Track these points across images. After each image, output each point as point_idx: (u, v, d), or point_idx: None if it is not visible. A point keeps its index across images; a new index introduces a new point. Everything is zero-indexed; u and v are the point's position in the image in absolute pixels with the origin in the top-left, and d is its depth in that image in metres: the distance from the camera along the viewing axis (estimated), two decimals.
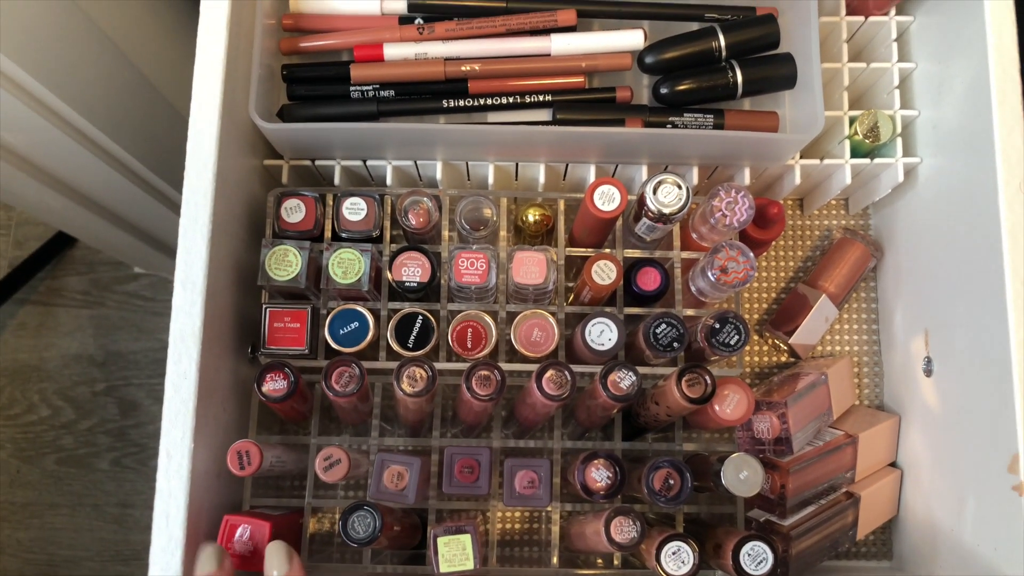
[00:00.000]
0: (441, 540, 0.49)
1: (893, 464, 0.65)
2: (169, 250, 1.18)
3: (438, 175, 0.62)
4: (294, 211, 0.59)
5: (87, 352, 1.42)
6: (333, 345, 0.56)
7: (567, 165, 0.63)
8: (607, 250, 0.61)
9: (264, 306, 0.57)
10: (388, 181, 0.62)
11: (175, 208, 0.98)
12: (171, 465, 0.50)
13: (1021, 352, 0.51)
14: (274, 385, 0.51)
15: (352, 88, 0.60)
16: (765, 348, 0.69)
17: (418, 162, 0.62)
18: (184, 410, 0.50)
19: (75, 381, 1.41)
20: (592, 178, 0.62)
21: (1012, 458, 0.51)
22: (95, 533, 1.37)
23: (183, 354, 0.51)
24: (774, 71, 0.59)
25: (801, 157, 0.63)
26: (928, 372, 0.61)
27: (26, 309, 1.43)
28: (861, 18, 0.64)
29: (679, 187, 0.54)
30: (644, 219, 0.56)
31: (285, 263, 0.56)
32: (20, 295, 1.42)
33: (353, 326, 0.57)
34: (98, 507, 1.37)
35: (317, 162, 0.62)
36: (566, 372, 0.50)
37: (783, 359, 0.69)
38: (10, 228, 1.45)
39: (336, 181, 0.62)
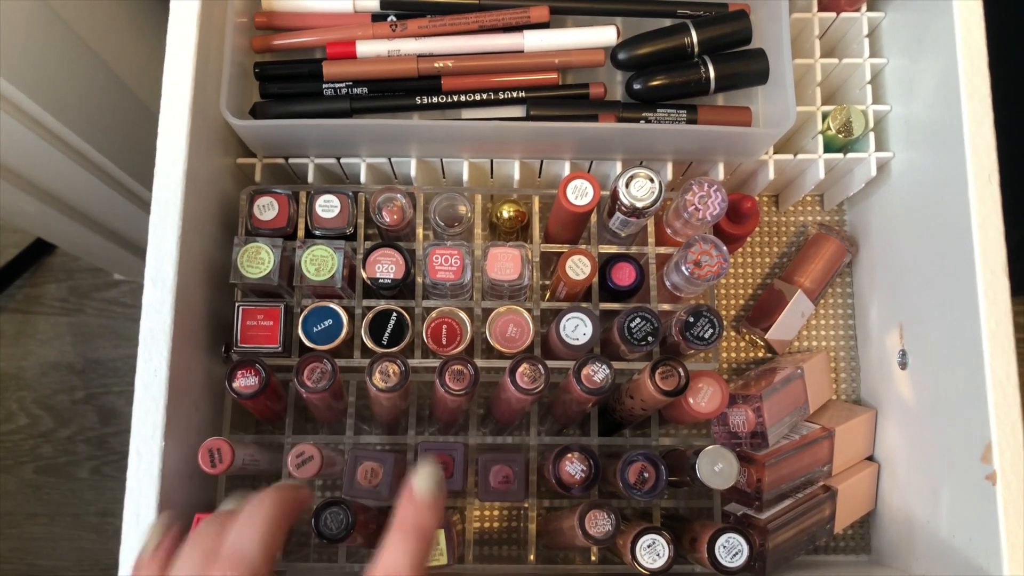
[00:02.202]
0: None
1: (871, 458, 0.65)
2: None
3: (412, 172, 0.61)
4: (267, 209, 0.58)
5: (66, 360, 1.41)
6: (307, 343, 0.56)
7: (542, 162, 0.63)
8: (582, 246, 0.61)
9: (237, 304, 0.57)
10: (362, 179, 0.62)
11: None
12: (141, 464, 0.49)
13: (992, 342, 0.51)
14: (245, 382, 0.51)
15: (325, 85, 0.60)
16: (742, 344, 0.69)
17: (392, 159, 0.62)
18: (155, 408, 0.50)
19: (54, 389, 1.39)
20: (567, 173, 0.62)
21: (985, 447, 0.51)
22: (74, 543, 1.36)
23: (153, 352, 0.50)
24: (746, 67, 0.59)
25: (775, 152, 0.63)
26: (903, 365, 0.61)
27: (4, 317, 1.41)
28: (833, 14, 0.64)
29: (651, 181, 0.54)
30: (618, 213, 0.56)
31: (257, 261, 0.56)
32: None
33: (327, 323, 0.56)
34: (78, 516, 1.36)
35: (290, 160, 0.61)
36: (539, 366, 0.50)
37: (760, 355, 0.69)
38: None
39: (310, 179, 0.62)
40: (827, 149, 0.63)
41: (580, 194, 0.54)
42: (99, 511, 1.37)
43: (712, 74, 0.59)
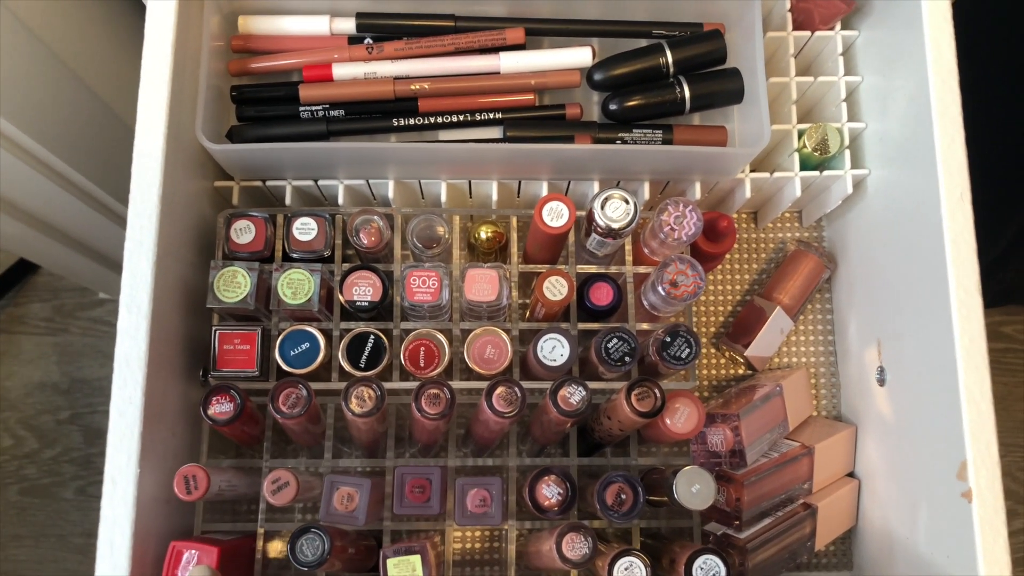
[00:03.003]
0: (391, 561, 0.48)
1: (852, 474, 0.65)
2: None
3: (390, 193, 0.62)
4: (244, 232, 0.58)
5: (51, 380, 1.40)
6: (284, 367, 0.56)
7: (520, 182, 0.63)
8: (560, 266, 0.61)
9: (214, 328, 0.57)
10: (340, 200, 0.62)
11: None
12: (116, 492, 0.49)
13: (966, 360, 0.51)
14: (220, 408, 0.50)
15: (302, 108, 0.60)
16: (722, 361, 0.70)
17: (370, 181, 0.62)
18: (129, 435, 0.49)
19: (38, 410, 1.38)
20: (544, 194, 0.62)
21: (960, 464, 0.51)
22: (60, 564, 1.34)
23: (128, 379, 0.50)
24: (721, 86, 0.60)
25: (752, 171, 0.63)
26: (881, 382, 0.62)
27: None
28: (808, 33, 0.65)
29: (626, 202, 0.54)
30: (594, 234, 0.56)
31: (234, 284, 0.55)
32: None
33: (304, 347, 0.56)
34: (63, 537, 1.35)
35: (268, 182, 0.61)
36: (516, 389, 0.50)
37: (740, 372, 0.69)
38: None
39: (287, 201, 0.62)
40: (804, 167, 0.63)
41: (555, 216, 0.54)
42: (84, 532, 1.35)
43: (687, 94, 0.59)
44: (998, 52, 0.96)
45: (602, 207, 0.54)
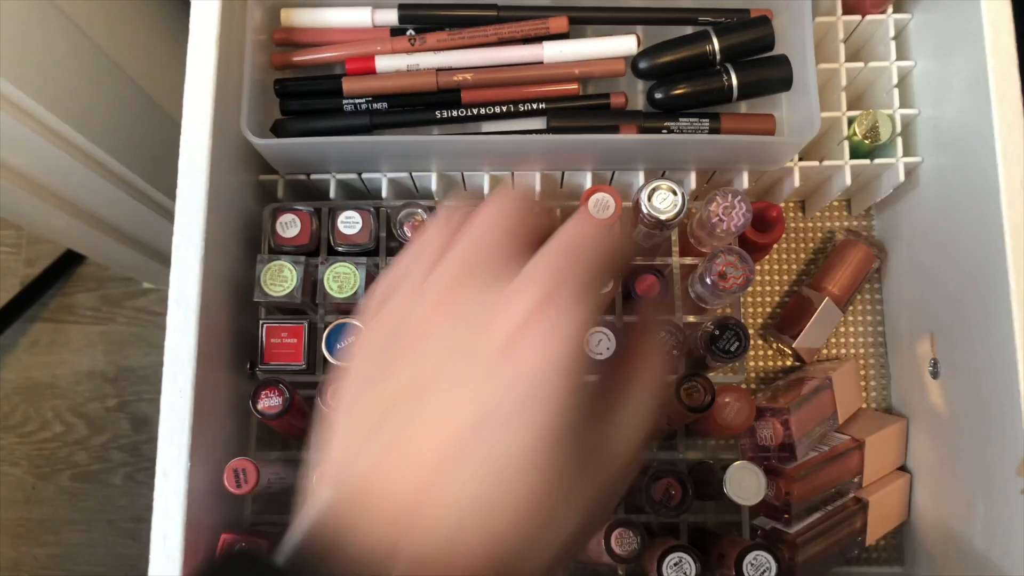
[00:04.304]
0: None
1: (903, 467, 0.64)
2: None
3: (433, 186, 0.61)
4: (289, 226, 0.58)
5: (99, 368, 1.43)
6: (331, 360, 0.56)
7: (563, 173, 0.62)
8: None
9: (261, 322, 0.57)
10: (383, 193, 0.62)
11: None
12: (167, 484, 0.50)
13: None
14: (269, 402, 0.51)
15: (345, 101, 0.60)
16: (770, 352, 0.69)
17: (413, 174, 0.62)
18: (180, 428, 0.50)
19: (87, 397, 1.41)
20: (588, 185, 0.62)
21: (1021, 461, 0.50)
22: (111, 548, 1.38)
23: (178, 372, 0.50)
24: (769, 73, 0.59)
25: (800, 159, 0.62)
26: (935, 375, 0.60)
27: (37, 327, 1.44)
28: (858, 17, 0.63)
29: (674, 193, 0.53)
30: (640, 226, 0.55)
31: (280, 279, 0.56)
32: (31, 313, 1.43)
33: (351, 340, 0.56)
34: (113, 522, 1.38)
35: (312, 176, 0.62)
36: None
37: (788, 363, 0.68)
38: (20, 247, 1.47)
39: (331, 195, 0.62)
40: (854, 155, 0.62)
41: (602, 208, 0.54)
42: (133, 517, 1.38)
43: (735, 82, 0.58)
44: None
45: (649, 198, 0.53)
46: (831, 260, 0.66)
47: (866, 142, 0.61)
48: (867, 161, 0.62)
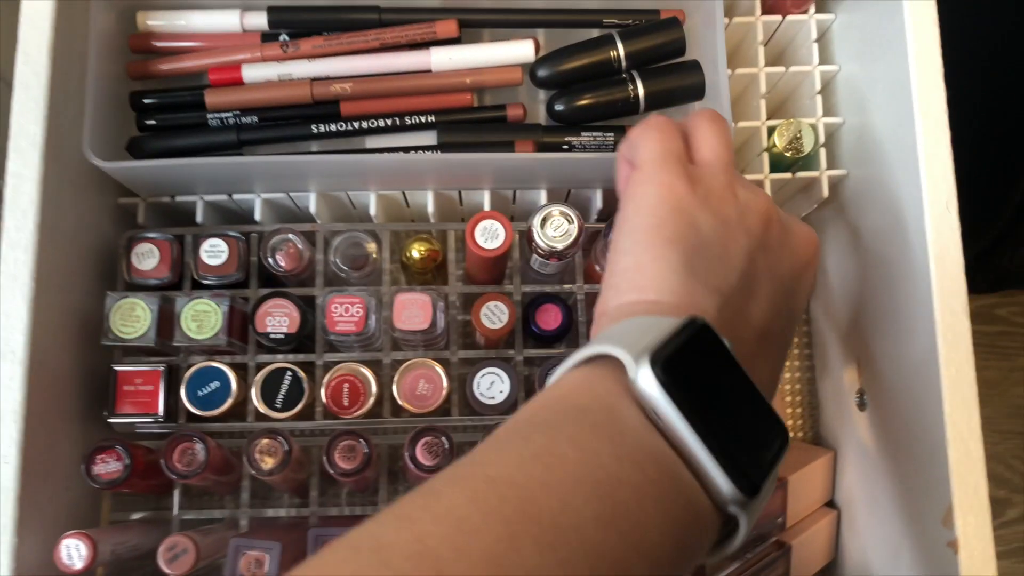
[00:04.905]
0: None
1: (831, 502, 0.60)
2: None
3: (312, 208, 0.55)
4: (147, 256, 0.52)
5: None
6: (192, 409, 0.50)
7: (460, 192, 0.57)
8: (506, 286, 0.55)
9: (112, 366, 0.51)
10: (257, 216, 0.55)
11: None
12: None
13: (952, 392, 0.45)
14: (106, 468, 0.45)
15: (210, 116, 0.53)
16: None
17: (291, 194, 0.55)
18: (4, 500, 0.44)
19: None
20: (487, 204, 0.56)
21: (946, 509, 0.46)
22: None
23: (3, 435, 0.44)
24: (679, 81, 0.53)
25: None
26: (861, 406, 0.56)
27: None
28: (778, 18, 0.58)
29: (569, 220, 0.48)
30: (535, 255, 0.50)
31: (132, 318, 0.49)
32: None
33: (213, 386, 0.50)
34: None
35: (177, 197, 0.55)
36: (443, 439, 0.44)
37: None
38: None
39: (199, 218, 0.55)
40: (774, 168, 0.57)
41: (490, 237, 0.48)
42: None
43: (641, 92, 0.53)
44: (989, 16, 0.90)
45: (541, 226, 0.48)
46: None
47: (788, 154, 0.56)
48: (788, 175, 0.57)
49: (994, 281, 1.19)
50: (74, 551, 0.43)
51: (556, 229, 0.48)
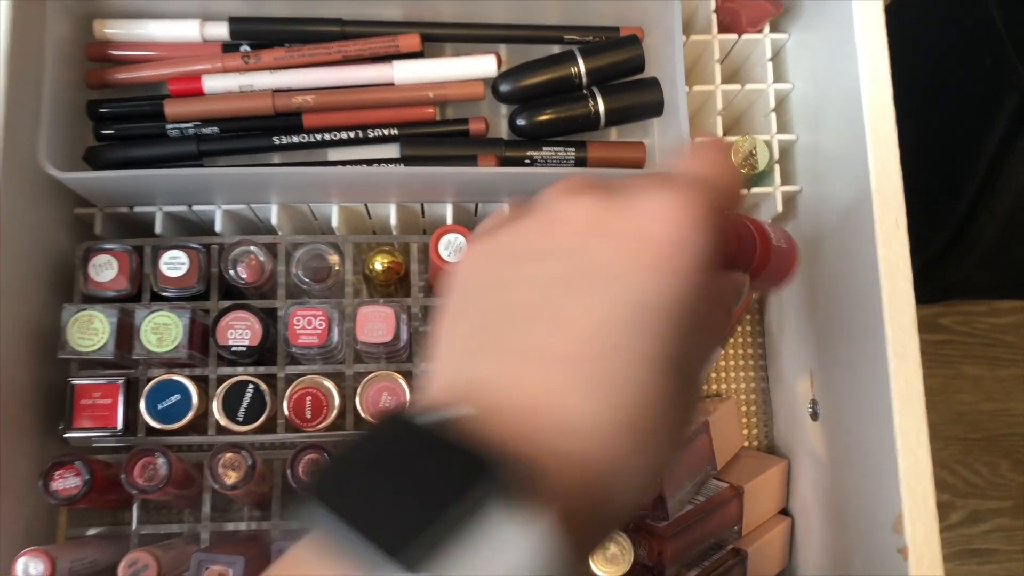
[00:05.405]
0: None
1: (784, 511, 0.61)
2: None
3: (274, 219, 0.55)
4: (104, 268, 0.51)
5: None
6: (152, 423, 0.49)
7: (422, 204, 0.57)
8: None
9: (68, 380, 0.50)
10: (218, 227, 0.55)
11: None
12: None
13: (902, 403, 0.47)
14: (65, 484, 0.44)
15: (169, 126, 0.53)
16: None
17: (252, 205, 0.55)
18: None
19: None
20: (450, 217, 0.56)
21: (896, 517, 0.47)
22: None
23: None
24: (638, 98, 0.54)
25: None
26: (814, 416, 0.57)
27: None
28: (734, 36, 0.60)
29: None
30: None
31: (90, 331, 0.49)
32: None
33: (174, 399, 0.50)
34: None
35: (135, 209, 0.54)
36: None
37: None
38: None
39: (158, 230, 0.55)
40: None
41: (454, 251, 0.49)
42: None
43: (601, 108, 0.54)
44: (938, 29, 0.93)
45: None
46: None
47: (743, 170, 0.57)
48: (743, 191, 0.58)
49: (938, 291, 1.23)
50: (32, 569, 0.42)
51: None
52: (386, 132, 0.54)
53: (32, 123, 0.48)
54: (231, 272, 0.51)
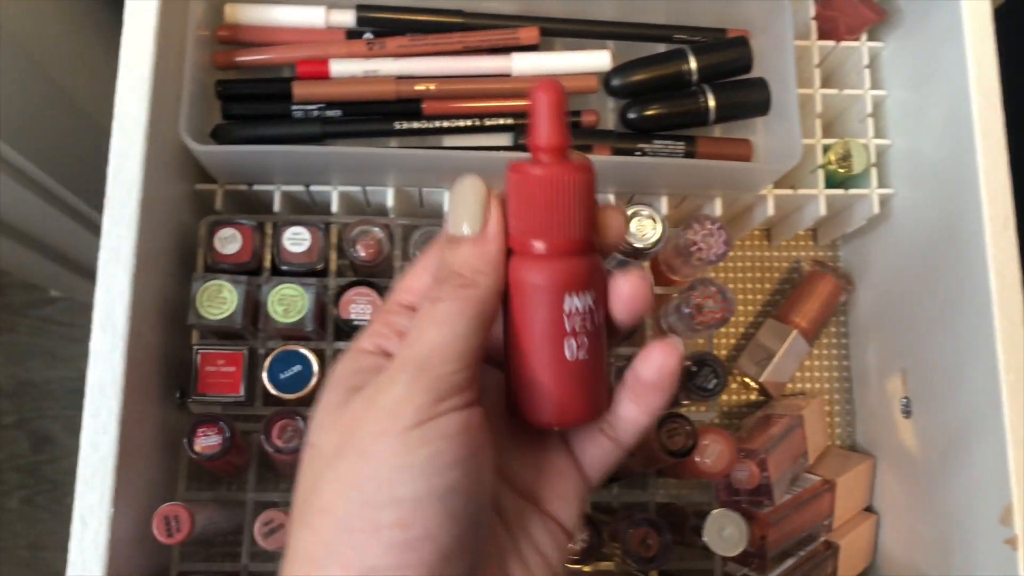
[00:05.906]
0: None
1: (869, 508, 0.62)
2: (88, 272, 1.09)
3: (388, 202, 0.56)
4: (229, 241, 0.53)
5: None
6: (273, 391, 0.51)
7: None
8: None
9: (195, 347, 0.51)
10: (334, 208, 0.56)
11: (93, 229, 0.91)
12: (86, 534, 0.43)
13: (1012, 397, 0.48)
14: (207, 441, 0.45)
15: (294, 107, 0.55)
16: (733, 386, 0.66)
17: (367, 188, 0.57)
18: (103, 470, 0.44)
19: None
20: None
21: (1004, 509, 0.48)
22: None
23: (102, 407, 0.44)
24: (747, 97, 0.56)
25: (773, 187, 0.60)
26: (907, 413, 0.58)
27: None
28: (832, 43, 0.61)
29: (654, 220, 0.50)
30: (615, 253, 0.52)
31: (219, 300, 0.50)
32: None
33: (295, 369, 0.51)
34: (6, 550, 1.27)
35: (254, 186, 0.56)
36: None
37: (752, 397, 0.66)
38: None
39: (275, 207, 0.56)
40: (829, 183, 0.60)
41: None
42: (30, 544, 1.27)
43: (712, 104, 0.55)
44: None
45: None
46: (799, 291, 0.64)
47: (841, 171, 0.59)
48: (842, 191, 0.60)
49: None
50: (173, 522, 0.44)
51: (641, 228, 0.50)
52: (501, 121, 0.56)
53: (171, 100, 0.50)
54: (351, 250, 0.53)
